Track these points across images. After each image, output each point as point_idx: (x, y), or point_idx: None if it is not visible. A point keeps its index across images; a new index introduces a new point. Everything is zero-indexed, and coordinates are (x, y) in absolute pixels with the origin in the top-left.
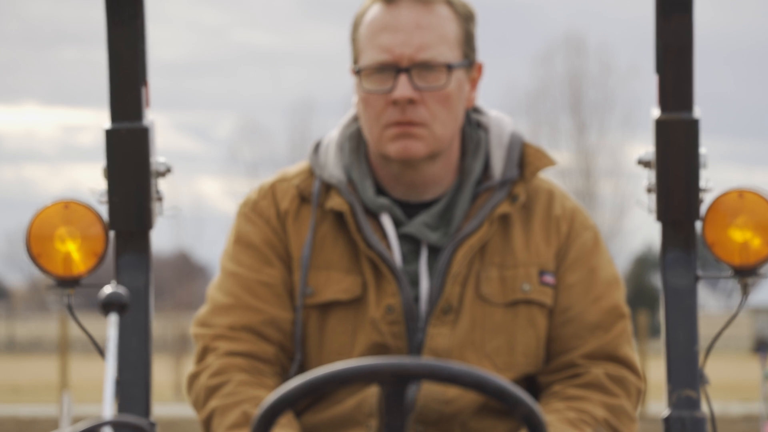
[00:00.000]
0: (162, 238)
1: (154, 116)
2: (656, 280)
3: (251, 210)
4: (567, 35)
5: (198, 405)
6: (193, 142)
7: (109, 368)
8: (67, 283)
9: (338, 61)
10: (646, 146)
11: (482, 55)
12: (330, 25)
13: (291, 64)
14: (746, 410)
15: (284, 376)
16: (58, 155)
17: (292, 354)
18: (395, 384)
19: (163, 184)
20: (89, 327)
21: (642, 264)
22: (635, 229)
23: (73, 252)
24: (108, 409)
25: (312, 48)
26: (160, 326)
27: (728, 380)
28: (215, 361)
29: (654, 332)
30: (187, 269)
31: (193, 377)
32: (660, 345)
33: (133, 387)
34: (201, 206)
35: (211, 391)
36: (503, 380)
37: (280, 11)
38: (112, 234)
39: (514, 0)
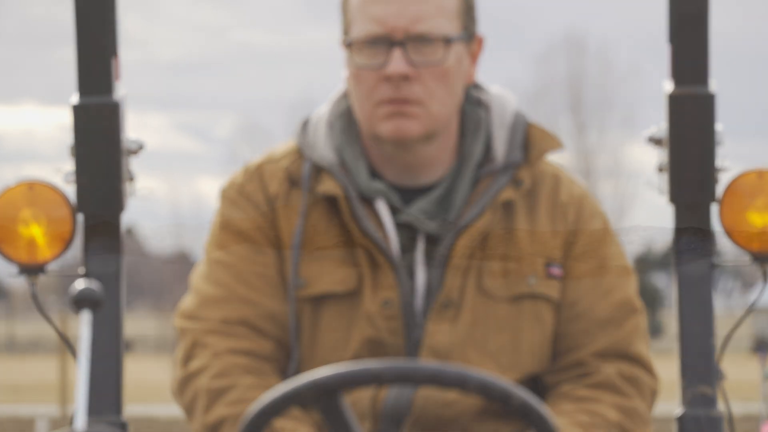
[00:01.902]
0: (162, 238)
1: (126, 90)
2: (656, 279)
3: (237, 193)
4: (567, 35)
5: (197, 409)
6: (193, 142)
7: (82, 370)
8: (32, 270)
9: (338, 61)
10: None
11: (482, 54)
12: (330, 25)
13: (291, 64)
14: (746, 410)
15: (282, 374)
16: (58, 155)
17: (288, 349)
18: (319, 400)
19: (134, 163)
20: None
21: (642, 264)
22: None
23: (38, 237)
24: (81, 415)
25: (312, 48)
26: (160, 326)
27: (728, 380)
28: (214, 360)
29: (654, 332)
30: (187, 269)
31: (188, 379)
32: (660, 344)
33: (104, 384)
34: (201, 206)
35: (216, 396)
36: (432, 364)
37: (280, 11)
38: (80, 217)
39: (514, 0)
